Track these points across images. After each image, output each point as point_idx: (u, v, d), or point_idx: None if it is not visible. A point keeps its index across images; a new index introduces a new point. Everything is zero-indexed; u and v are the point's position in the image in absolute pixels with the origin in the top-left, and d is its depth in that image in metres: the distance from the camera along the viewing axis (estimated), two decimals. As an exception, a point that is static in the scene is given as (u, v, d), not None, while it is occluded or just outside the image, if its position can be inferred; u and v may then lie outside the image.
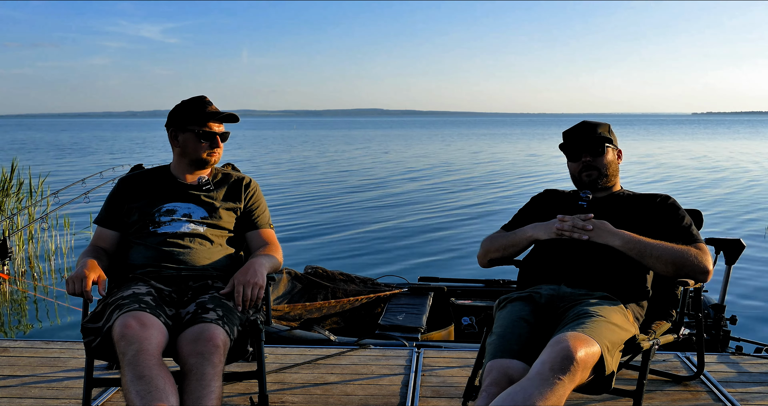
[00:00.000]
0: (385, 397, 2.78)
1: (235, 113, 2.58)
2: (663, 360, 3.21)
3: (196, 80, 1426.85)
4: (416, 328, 4.14)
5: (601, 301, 2.24)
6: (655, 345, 2.24)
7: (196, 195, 2.56)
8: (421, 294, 4.84)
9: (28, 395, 2.79)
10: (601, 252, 2.35)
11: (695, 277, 2.30)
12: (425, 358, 3.26)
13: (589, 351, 1.91)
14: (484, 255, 2.60)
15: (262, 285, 2.37)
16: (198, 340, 2.07)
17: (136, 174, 2.66)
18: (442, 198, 14.21)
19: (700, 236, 2.42)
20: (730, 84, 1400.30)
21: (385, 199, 14.05)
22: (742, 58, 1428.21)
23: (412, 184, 17.08)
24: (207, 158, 2.56)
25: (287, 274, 4.82)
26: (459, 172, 20.77)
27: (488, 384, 1.98)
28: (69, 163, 25.20)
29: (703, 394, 2.81)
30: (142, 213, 2.51)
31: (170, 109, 2.60)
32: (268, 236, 2.64)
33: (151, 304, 2.19)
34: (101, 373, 2.96)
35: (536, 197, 2.72)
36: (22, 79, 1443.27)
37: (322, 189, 16.10)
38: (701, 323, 2.75)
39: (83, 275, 2.24)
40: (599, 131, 2.56)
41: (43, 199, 7.90)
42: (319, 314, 4.46)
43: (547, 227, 2.43)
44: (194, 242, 2.49)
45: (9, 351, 3.30)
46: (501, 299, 2.41)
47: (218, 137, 2.55)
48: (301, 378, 3.00)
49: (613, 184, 2.58)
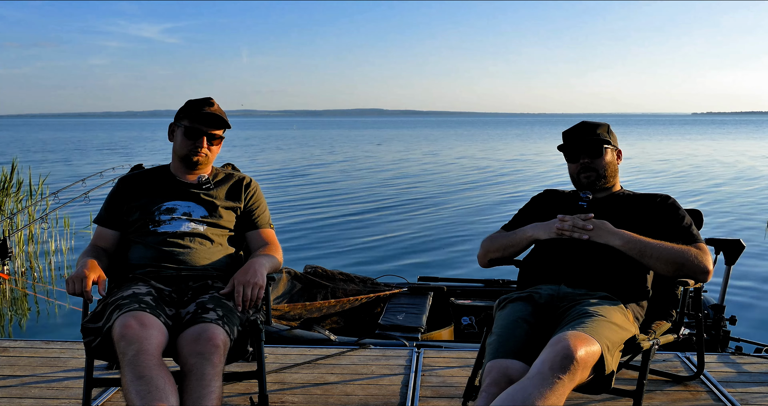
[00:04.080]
0: (385, 397, 2.78)
1: (224, 118, 2.53)
2: (663, 360, 3.21)
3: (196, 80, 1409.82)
4: (416, 328, 4.14)
5: (601, 301, 2.24)
6: (655, 345, 2.24)
7: (196, 194, 2.56)
8: (421, 294, 4.84)
9: (28, 395, 2.79)
10: (601, 252, 2.35)
11: (695, 277, 2.30)
12: (425, 358, 3.26)
13: (589, 350, 1.91)
14: (485, 255, 2.60)
15: (262, 285, 2.37)
16: (198, 340, 2.07)
17: (136, 173, 2.66)
18: (442, 198, 14.21)
19: (700, 236, 2.42)
20: (730, 84, 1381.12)
21: (386, 199, 14.05)
22: (742, 58, 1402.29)
23: (413, 184, 17.08)
24: (191, 156, 2.52)
25: (287, 273, 4.82)
26: (459, 173, 20.77)
27: (488, 384, 1.98)
28: (69, 163, 25.19)
29: (703, 394, 2.81)
30: (143, 212, 2.51)
31: (170, 109, 2.59)
32: (268, 235, 2.64)
33: (151, 304, 2.19)
34: (101, 373, 2.96)
35: (536, 197, 2.72)
36: (22, 79, 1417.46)
37: (322, 189, 16.11)
38: (701, 323, 2.75)
39: (83, 275, 2.24)
40: (598, 132, 2.56)
41: (43, 199, 7.89)
42: (319, 313, 4.46)
43: (548, 226, 2.43)
44: (194, 241, 2.49)
45: (9, 351, 3.30)
46: (501, 299, 2.41)
47: (204, 137, 2.52)
48: (301, 378, 3.00)
49: (612, 185, 2.58)
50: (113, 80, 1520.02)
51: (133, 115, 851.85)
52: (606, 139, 2.54)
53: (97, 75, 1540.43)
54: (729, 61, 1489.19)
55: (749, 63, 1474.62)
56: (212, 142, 2.56)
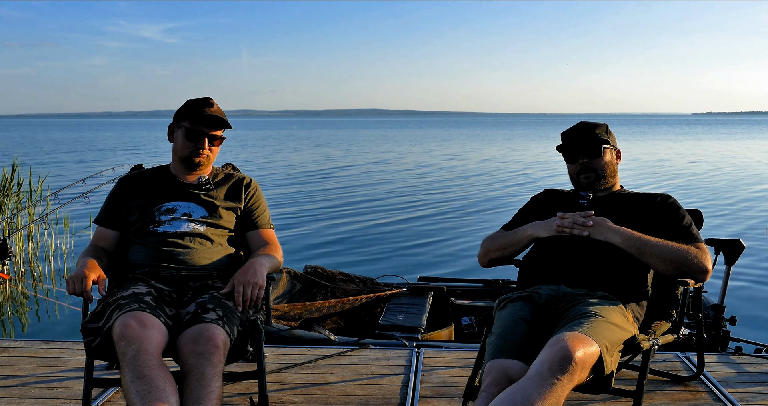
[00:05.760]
0: (385, 397, 2.78)
1: (225, 119, 2.53)
2: (663, 360, 3.21)
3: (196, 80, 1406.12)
4: (416, 328, 4.14)
5: (600, 301, 2.24)
6: (655, 345, 2.24)
7: (196, 194, 2.56)
8: (421, 294, 4.84)
9: (28, 395, 2.79)
10: (601, 251, 2.35)
11: (694, 276, 2.30)
12: (425, 358, 3.26)
13: (587, 351, 1.91)
14: (485, 255, 2.60)
15: (262, 285, 2.37)
16: (198, 340, 2.07)
17: (136, 174, 2.66)
18: (442, 197, 14.21)
19: (700, 236, 2.42)
20: (730, 84, 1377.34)
21: (386, 199, 14.04)
22: (742, 58, 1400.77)
23: (413, 184, 17.08)
24: (192, 158, 2.53)
25: (287, 273, 4.82)
26: (459, 172, 20.77)
27: (488, 384, 1.98)
28: (69, 162, 25.19)
29: (703, 394, 2.81)
30: (143, 212, 2.51)
31: (170, 109, 2.60)
32: (268, 235, 2.64)
33: (151, 304, 2.19)
34: (101, 373, 2.96)
35: (536, 197, 2.72)
36: (22, 79, 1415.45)
37: (322, 188, 16.10)
38: (701, 323, 2.75)
39: (83, 275, 2.24)
40: (597, 132, 2.56)
41: (43, 199, 7.89)
42: (319, 313, 4.46)
43: (547, 224, 2.43)
44: (194, 241, 2.49)
45: (9, 351, 3.30)
46: (501, 299, 2.41)
47: (206, 138, 2.53)
48: (301, 378, 3.00)
49: (612, 185, 2.58)
50: (113, 80, 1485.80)
51: (133, 115, 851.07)
52: (605, 138, 2.54)
53: (97, 75, 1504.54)
54: (729, 61, 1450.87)
55: (750, 63, 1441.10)
56: (213, 143, 2.56)
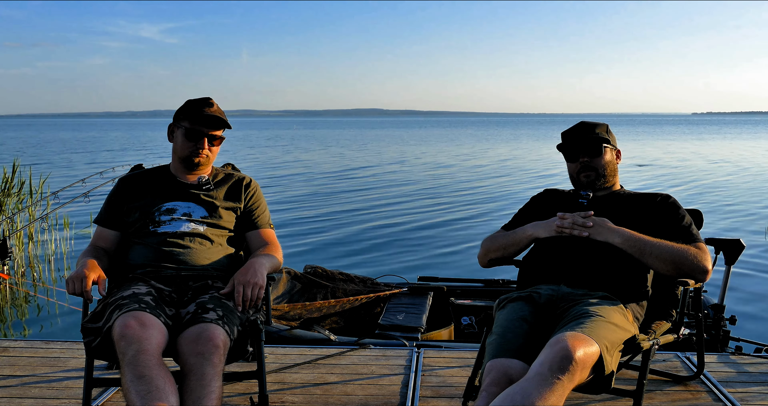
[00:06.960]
0: (385, 397, 2.78)
1: (224, 119, 2.53)
2: (663, 360, 3.21)
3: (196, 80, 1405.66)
4: (416, 328, 4.14)
5: (600, 301, 2.24)
6: (655, 345, 2.24)
7: (196, 194, 2.56)
8: (421, 294, 4.84)
9: (28, 395, 2.79)
10: (601, 251, 2.35)
11: (694, 276, 2.30)
12: (425, 358, 3.26)
13: (587, 351, 1.91)
14: (485, 255, 2.60)
15: (262, 285, 2.37)
16: (198, 340, 2.07)
17: (136, 174, 2.66)
18: (442, 197, 14.20)
19: (700, 236, 2.42)
20: (730, 84, 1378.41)
21: (385, 199, 14.05)
22: (742, 58, 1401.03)
23: (413, 184, 17.08)
24: (192, 158, 2.53)
25: (287, 273, 4.82)
26: (459, 172, 20.77)
27: (488, 384, 1.98)
28: (68, 162, 25.20)
29: (703, 394, 2.81)
30: (143, 212, 2.51)
31: (170, 109, 2.60)
32: (268, 235, 2.64)
33: (151, 304, 2.19)
34: (101, 373, 2.96)
35: (536, 197, 2.72)
36: (22, 79, 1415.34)
37: (322, 188, 16.10)
38: (701, 323, 2.75)
39: (83, 274, 2.24)
40: (597, 132, 2.56)
41: (43, 199, 7.89)
42: (319, 313, 4.46)
43: (547, 224, 2.43)
44: (194, 241, 2.49)
45: (9, 351, 3.30)
46: (501, 299, 2.41)
47: (206, 138, 2.53)
48: (301, 378, 3.00)
49: (612, 184, 2.59)
50: (113, 80, 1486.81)
51: (133, 115, 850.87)
52: (605, 138, 2.55)
53: (97, 75, 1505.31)
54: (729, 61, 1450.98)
55: (750, 63, 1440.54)
56: (213, 143, 2.56)
